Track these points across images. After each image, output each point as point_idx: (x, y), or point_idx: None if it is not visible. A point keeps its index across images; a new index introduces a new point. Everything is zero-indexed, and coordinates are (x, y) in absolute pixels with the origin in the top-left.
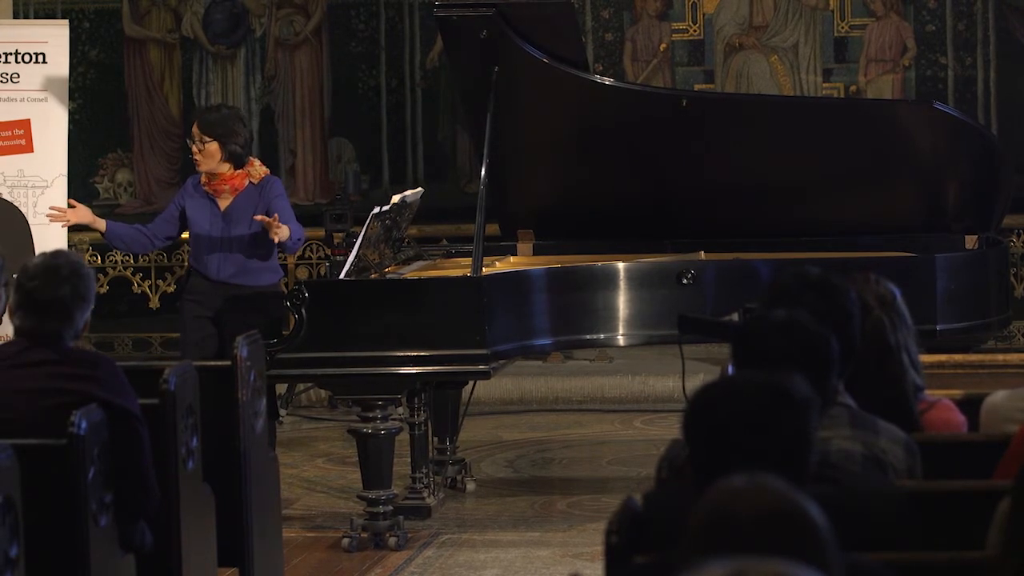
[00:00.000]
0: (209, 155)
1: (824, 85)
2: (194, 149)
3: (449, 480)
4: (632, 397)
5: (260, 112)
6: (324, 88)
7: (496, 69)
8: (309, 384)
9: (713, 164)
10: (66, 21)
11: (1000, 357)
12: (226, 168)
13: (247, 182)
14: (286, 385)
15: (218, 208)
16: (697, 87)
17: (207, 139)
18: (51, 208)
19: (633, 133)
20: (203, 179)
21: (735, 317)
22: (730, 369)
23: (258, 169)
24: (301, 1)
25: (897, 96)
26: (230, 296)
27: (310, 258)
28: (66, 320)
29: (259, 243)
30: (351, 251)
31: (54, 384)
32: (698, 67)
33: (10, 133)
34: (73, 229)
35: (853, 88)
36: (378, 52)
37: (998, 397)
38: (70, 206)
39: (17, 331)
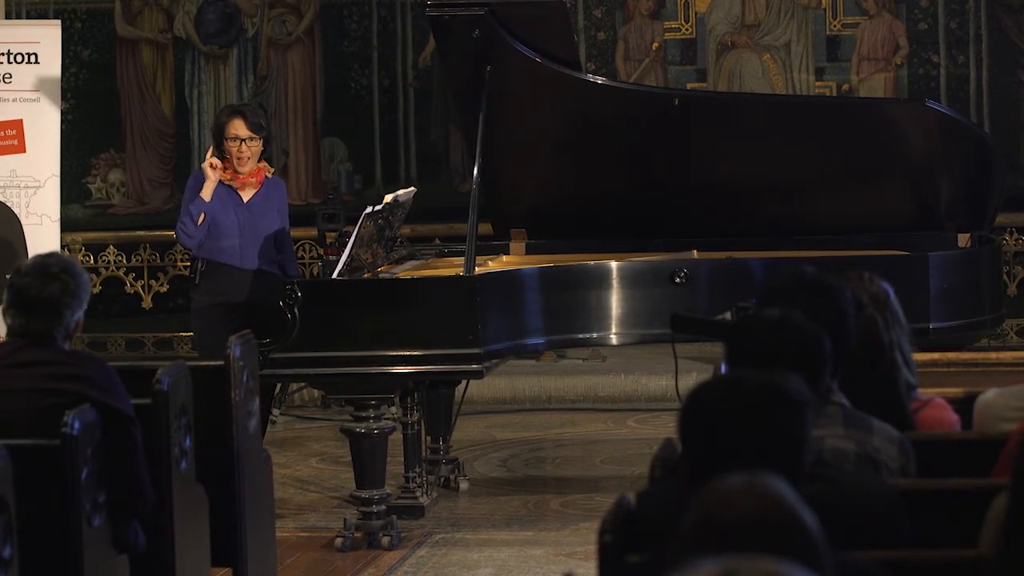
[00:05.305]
0: (254, 154)
1: (816, 84)
2: (241, 149)
3: (442, 479)
4: (625, 396)
5: None
6: (317, 88)
7: (488, 69)
8: (302, 383)
9: (706, 163)
10: (58, 21)
11: (993, 355)
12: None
13: (263, 175)
14: (279, 384)
15: (241, 200)
16: (690, 86)
17: (255, 139)
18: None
19: (625, 132)
20: (227, 174)
21: (728, 316)
22: (723, 368)
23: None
24: (293, 1)
25: (889, 95)
26: (263, 281)
27: (303, 258)
28: (55, 319)
29: (278, 236)
30: (344, 251)
31: (48, 384)
32: (690, 66)
33: (2, 133)
34: (66, 229)
35: (846, 86)
36: (370, 52)
37: (991, 395)
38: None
39: (8, 330)
